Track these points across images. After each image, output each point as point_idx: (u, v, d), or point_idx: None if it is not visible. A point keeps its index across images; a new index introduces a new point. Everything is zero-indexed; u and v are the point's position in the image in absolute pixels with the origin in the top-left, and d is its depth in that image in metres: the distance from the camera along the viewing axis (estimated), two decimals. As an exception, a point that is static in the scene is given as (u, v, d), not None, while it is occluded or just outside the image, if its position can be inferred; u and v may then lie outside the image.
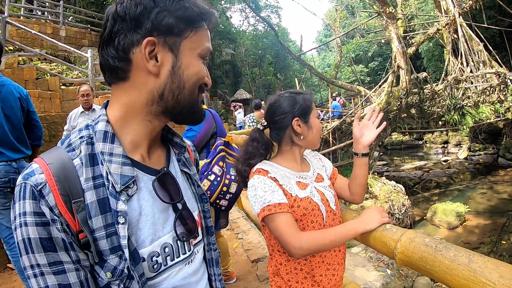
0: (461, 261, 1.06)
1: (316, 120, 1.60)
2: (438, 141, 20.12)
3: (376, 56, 29.80)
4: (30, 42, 11.91)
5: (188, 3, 0.81)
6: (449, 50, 13.97)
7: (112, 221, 0.75)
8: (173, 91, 0.82)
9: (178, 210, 0.89)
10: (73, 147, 0.79)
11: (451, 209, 9.10)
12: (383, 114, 1.61)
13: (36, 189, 0.70)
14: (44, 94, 8.04)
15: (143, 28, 0.78)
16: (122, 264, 0.75)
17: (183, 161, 1.00)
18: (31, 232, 0.69)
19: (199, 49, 0.85)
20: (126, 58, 0.79)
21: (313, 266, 1.52)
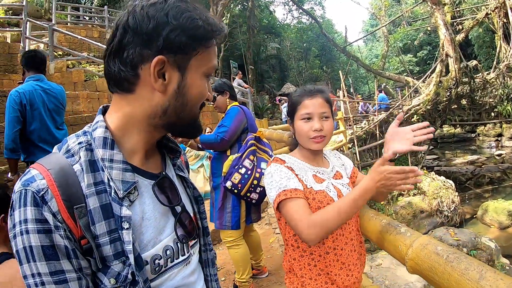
0: (472, 276, 0.96)
1: (298, 123, 1.55)
2: (491, 134, 18.78)
3: (425, 45, 28.53)
4: (78, 46, 12.57)
5: (201, 21, 0.79)
6: (500, 36, 12.99)
7: (115, 227, 0.75)
8: (176, 109, 0.83)
9: (177, 213, 0.90)
10: (72, 153, 0.78)
11: (503, 208, 8.48)
12: (432, 135, 1.36)
13: (38, 195, 0.69)
14: (92, 95, 8.44)
15: (154, 45, 0.76)
16: (126, 270, 0.75)
17: (178, 165, 1.01)
18: (33, 240, 0.67)
19: (205, 67, 0.84)
20: (135, 73, 0.78)
21: (327, 263, 1.48)
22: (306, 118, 1.53)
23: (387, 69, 26.72)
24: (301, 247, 1.51)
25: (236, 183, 2.82)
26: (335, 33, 40.77)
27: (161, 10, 0.76)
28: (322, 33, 22.28)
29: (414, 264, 1.19)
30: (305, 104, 1.55)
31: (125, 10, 0.79)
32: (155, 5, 0.76)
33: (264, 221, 5.59)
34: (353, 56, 20.97)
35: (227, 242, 3.14)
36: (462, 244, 5.80)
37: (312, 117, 1.52)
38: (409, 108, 11.52)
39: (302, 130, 1.53)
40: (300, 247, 1.51)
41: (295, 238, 1.53)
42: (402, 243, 1.28)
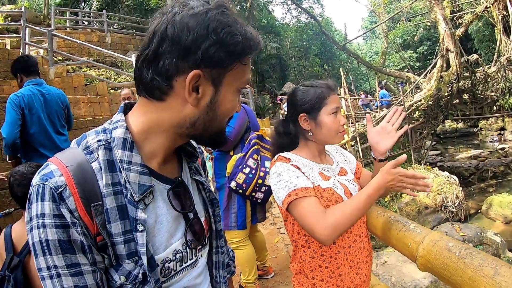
0: (486, 273, 0.93)
1: (327, 117, 1.51)
2: (494, 128, 18.72)
3: (425, 40, 28.48)
4: (77, 51, 12.60)
5: (241, 36, 0.76)
6: (500, 29, 12.88)
7: (130, 228, 0.76)
8: (205, 122, 0.82)
9: (189, 218, 0.91)
10: (91, 150, 0.78)
11: (508, 201, 8.41)
12: (405, 114, 1.44)
13: (56, 192, 0.70)
14: (93, 99, 8.46)
15: (191, 58, 0.74)
16: (137, 270, 0.76)
17: (194, 168, 1.00)
18: (50, 234, 0.69)
19: (239, 82, 0.83)
20: (169, 83, 0.77)
21: (339, 264, 1.46)
22: (334, 112, 1.51)
23: (387, 66, 26.62)
24: (312, 247, 1.48)
25: (240, 183, 2.80)
26: (335, 31, 40.74)
27: (202, 22, 0.73)
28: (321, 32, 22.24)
29: (425, 262, 1.16)
30: (333, 98, 1.53)
31: (162, 16, 0.77)
32: (196, 16, 0.74)
33: (268, 221, 5.57)
34: (353, 53, 20.90)
35: (233, 243, 3.11)
36: (468, 239, 5.77)
37: (338, 111, 1.53)
38: (410, 104, 11.45)
39: (333, 125, 1.51)
40: (311, 247, 1.49)
41: (305, 239, 1.50)
42: (412, 240, 1.25)
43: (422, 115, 11.35)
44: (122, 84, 10.35)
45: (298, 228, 1.50)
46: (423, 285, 4.73)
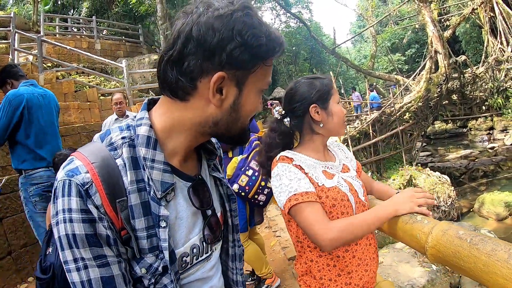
0: (500, 257, 0.92)
1: (336, 106, 1.51)
2: (483, 128, 18.96)
3: (413, 43, 28.83)
4: (67, 57, 12.48)
5: (265, 38, 0.77)
6: (487, 30, 13.21)
7: (152, 224, 0.78)
8: (228, 123, 0.83)
9: (207, 215, 0.94)
10: (115, 146, 0.80)
11: (500, 199, 8.55)
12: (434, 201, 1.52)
13: (82, 188, 0.71)
14: (83, 105, 8.38)
15: (216, 60, 0.75)
16: (158, 263, 0.79)
17: (213, 165, 1.02)
18: (77, 229, 0.70)
19: (262, 83, 0.84)
20: (193, 84, 0.78)
21: (347, 263, 1.43)
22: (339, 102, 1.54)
23: (376, 69, 26.89)
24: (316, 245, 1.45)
25: (243, 186, 2.77)
26: (324, 36, 40.93)
27: (227, 24, 0.73)
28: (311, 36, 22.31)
29: (436, 252, 1.14)
30: (335, 90, 1.54)
31: (186, 17, 0.77)
32: (221, 18, 0.74)
33: (263, 224, 5.54)
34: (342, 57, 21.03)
35: None
36: (462, 238, 5.79)
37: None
38: (401, 106, 11.59)
39: (342, 114, 1.52)
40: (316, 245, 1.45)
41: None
42: (420, 231, 1.23)
43: (412, 116, 11.49)
44: (112, 90, 10.28)
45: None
46: (420, 284, 4.73)
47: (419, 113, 11.56)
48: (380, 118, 11.37)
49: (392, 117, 11.53)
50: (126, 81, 9.62)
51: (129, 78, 9.69)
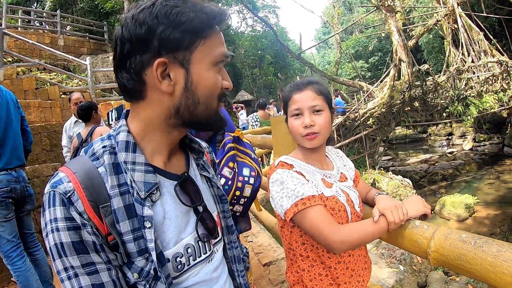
0: (507, 257, 0.96)
1: (290, 120, 1.46)
2: (443, 133, 19.99)
3: (376, 51, 29.66)
4: (28, 52, 11.94)
5: (192, 12, 0.78)
6: (449, 41, 13.89)
7: (138, 226, 0.78)
8: (189, 107, 0.83)
9: (199, 212, 0.92)
10: (97, 156, 0.82)
11: (460, 201, 9.01)
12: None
13: (65, 197, 0.73)
14: (44, 104, 8.01)
15: (151, 48, 0.77)
16: (149, 266, 0.78)
17: (201, 165, 1.02)
18: (63, 237, 0.71)
19: (211, 57, 0.83)
20: (140, 79, 0.80)
21: (338, 274, 1.41)
22: (296, 114, 1.43)
23: (340, 75, 27.41)
24: (311, 256, 1.43)
25: None
26: (289, 41, 41.35)
27: (150, 14, 0.76)
28: (277, 41, 22.48)
29: (439, 256, 1.17)
30: (294, 99, 1.44)
31: (119, 23, 0.81)
32: (144, 11, 0.77)
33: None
34: (308, 63, 21.32)
35: None
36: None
37: (302, 112, 1.41)
38: (364, 112, 11.89)
39: (293, 128, 1.44)
40: (310, 256, 1.43)
41: (304, 247, 1.43)
42: (421, 236, 1.25)
43: (376, 122, 11.82)
44: (75, 88, 9.93)
45: (297, 236, 1.44)
46: (389, 284, 4.85)
47: (382, 119, 11.91)
48: (345, 123, 11.63)
49: (356, 122, 11.83)
50: (89, 80, 9.29)
51: (92, 77, 9.37)
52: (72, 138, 5.00)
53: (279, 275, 3.62)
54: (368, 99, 13.27)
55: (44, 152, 6.48)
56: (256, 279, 3.68)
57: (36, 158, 6.22)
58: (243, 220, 2.78)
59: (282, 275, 3.60)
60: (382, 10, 11.12)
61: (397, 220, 1.28)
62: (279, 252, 4.19)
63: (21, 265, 3.01)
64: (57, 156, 6.51)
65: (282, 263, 3.87)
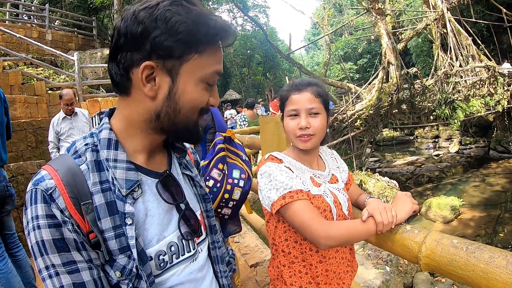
0: (498, 263, 0.96)
1: (286, 120, 1.47)
2: (429, 136, 20.27)
3: (365, 53, 29.96)
4: (16, 46, 11.72)
5: (193, 24, 0.77)
6: (438, 45, 14.07)
7: (120, 223, 0.78)
8: (169, 115, 0.83)
9: (181, 210, 0.93)
10: (79, 154, 0.82)
11: (446, 203, 9.12)
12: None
13: (46, 194, 0.73)
14: (30, 99, 7.90)
15: (142, 49, 0.77)
16: (131, 264, 0.78)
17: (184, 164, 1.03)
18: (44, 234, 0.71)
19: (201, 73, 0.82)
20: (127, 76, 0.81)
21: (318, 273, 1.41)
22: (292, 114, 1.43)
23: (328, 76, 27.56)
24: (292, 253, 1.43)
25: None
26: (279, 41, 41.39)
27: (150, 14, 0.75)
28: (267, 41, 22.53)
29: (430, 261, 1.17)
30: (292, 99, 1.45)
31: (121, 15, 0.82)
32: (145, 10, 0.76)
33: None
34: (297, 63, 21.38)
35: None
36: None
37: (299, 113, 1.42)
38: (352, 113, 11.96)
39: (288, 128, 1.44)
40: (292, 253, 1.43)
41: (286, 244, 1.44)
42: (412, 241, 1.24)
43: (363, 123, 11.89)
44: (61, 84, 9.79)
45: (280, 231, 1.45)
46: (375, 285, 4.89)
47: (370, 121, 11.99)
48: (332, 124, 11.67)
49: (343, 124, 11.88)
50: (77, 76, 9.20)
51: (80, 73, 9.24)
52: (59, 133, 5.02)
53: (266, 277, 3.60)
54: (356, 101, 13.33)
55: (29, 149, 6.37)
56: (243, 280, 3.65)
57: (21, 155, 6.11)
58: (232, 222, 2.69)
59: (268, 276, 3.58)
60: (372, 13, 11.19)
61: (385, 221, 1.26)
62: (266, 253, 4.17)
63: (2, 267, 2.93)
64: (42, 153, 6.40)
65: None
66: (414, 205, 1.37)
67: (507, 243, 7.41)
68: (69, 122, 5.08)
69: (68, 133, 5.04)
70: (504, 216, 9.11)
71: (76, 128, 5.10)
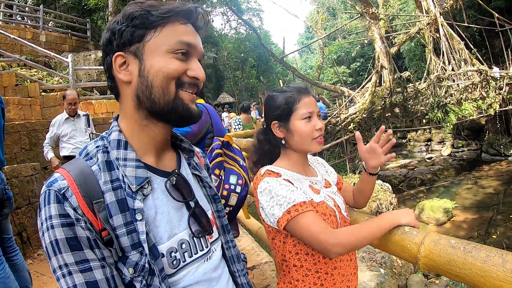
0: (495, 262, 0.99)
1: (298, 123, 1.45)
2: (422, 139, 20.42)
3: (358, 57, 30.06)
4: (9, 47, 11.64)
5: (143, 10, 0.86)
6: (430, 49, 14.22)
7: (131, 219, 0.81)
8: (144, 92, 0.87)
9: (191, 208, 0.94)
10: (90, 156, 0.86)
11: (439, 206, 9.20)
12: (395, 142, 1.54)
13: (59, 193, 0.75)
14: (24, 101, 7.84)
15: (113, 48, 0.87)
16: (143, 260, 0.79)
17: (193, 164, 1.06)
18: (58, 233, 0.73)
19: (166, 46, 0.86)
20: (111, 77, 0.90)
21: (335, 280, 1.41)
22: (307, 117, 1.43)
23: (322, 80, 27.67)
24: (305, 266, 1.41)
25: None
26: (272, 44, 41.50)
27: (114, 21, 0.88)
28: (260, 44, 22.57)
29: (429, 261, 1.19)
30: (305, 102, 1.45)
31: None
32: (112, 20, 0.89)
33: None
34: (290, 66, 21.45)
35: None
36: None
37: (312, 115, 1.45)
38: (346, 117, 12.02)
39: (305, 131, 1.43)
40: (304, 266, 1.41)
41: (298, 257, 1.41)
42: (411, 242, 1.27)
43: (356, 127, 11.96)
44: (55, 86, 9.74)
45: (290, 246, 1.42)
46: (370, 287, 4.93)
47: (363, 124, 12.07)
48: (326, 128, 11.72)
49: (337, 127, 11.95)
50: (70, 78, 9.12)
51: (74, 75, 9.20)
52: (60, 135, 5.08)
53: (262, 279, 3.60)
54: (349, 105, 13.41)
55: (23, 151, 6.32)
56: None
57: (14, 157, 6.06)
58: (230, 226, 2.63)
59: (266, 279, 3.58)
60: (366, 17, 11.29)
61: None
62: (262, 256, 4.17)
63: (0, 271, 2.91)
64: (36, 155, 6.34)
65: (265, 267, 3.86)
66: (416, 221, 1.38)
67: (500, 245, 7.47)
68: (72, 123, 5.15)
69: (70, 134, 5.10)
70: (497, 218, 9.21)
71: (78, 130, 5.16)
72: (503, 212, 9.57)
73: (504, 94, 13.51)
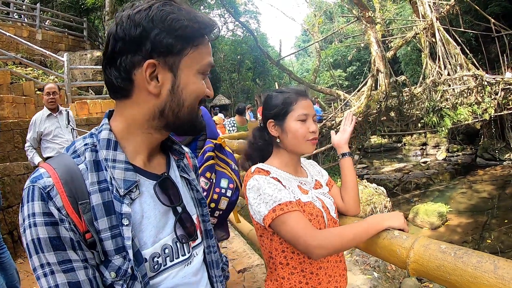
0: (486, 268, 0.97)
1: (293, 123, 1.48)
2: (417, 143, 20.50)
3: (354, 61, 30.18)
4: (5, 45, 11.60)
5: (186, 20, 0.81)
6: (426, 54, 14.26)
7: (116, 223, 0.78)
8: (173, 109, 0.86)
9: (178, 213, 0.93)
10: (78, 154, 0.83)
11: (433, 210, 9.22)
12: (357, 119, 1.63)
13: (44, 191, 0.73)
14: (18, 99, 7.81)
15: (143, 50, 0.80)
16: (126, 265, 0.78)
17: (182, 167, 1.04)
18: (41, 232, 0.71)
19: (198, 65, 0.86)
20: (128, 78, 0.83)
21: (320, 280, 1.42)
22: (303, 119, 1.47)
23: (318, 83, 27.72)
24: (291, 264, 1.43)
25: None
26: (269, 47, 41.49)
27: (146, 15, 0.79)
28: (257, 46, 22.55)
29: (418, 266, 1.17)
30: (303, 104, 1.49)
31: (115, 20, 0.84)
32: (140, 13, 0.80)
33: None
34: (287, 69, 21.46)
35: None
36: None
37: (308, 118, 1.49)
38: (341, 120, 12.01)
39: (299, 131, 1.47)
40: (290, 264, 1.43)
41: (284, 255, 1.43)
42: (400, 247, 1.25)
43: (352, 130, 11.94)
44: (51, 85, 9.68)
45: (276, 244, 1.44)
46: (363, 291, 4.91)
47: (358, 128, 12.05)
48: (321, 131, 11.72)
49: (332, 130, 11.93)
50: (66, 77, 9.11)
51: (69, 74, 9.16)
52: (43, 134, 4.61)
53: (253, 282, 3.59)
54: (345, 108, 13.42)
55: (16, 150, 6.28)
56: (231, 286, 3.62)
57: (7, 155, 6.03)
58: (220, 228, 2.63)
59: (257, 282, 3.57)
60: (362, 21, 11.31)
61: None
62: (254, 259, 4.16)
63: None
64: (29, 154, 6.30)
65: (257, 270, 3.85)
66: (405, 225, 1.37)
67: (494, 249, 7.50)
68: (55, 120, 4.70)
69: (54, 132, 4.65)
70: (491, 222, 9.24)
71: (63, 127, 4.74)
72: (497, 217, 9.62)
73: (500, 99, 13.55)
